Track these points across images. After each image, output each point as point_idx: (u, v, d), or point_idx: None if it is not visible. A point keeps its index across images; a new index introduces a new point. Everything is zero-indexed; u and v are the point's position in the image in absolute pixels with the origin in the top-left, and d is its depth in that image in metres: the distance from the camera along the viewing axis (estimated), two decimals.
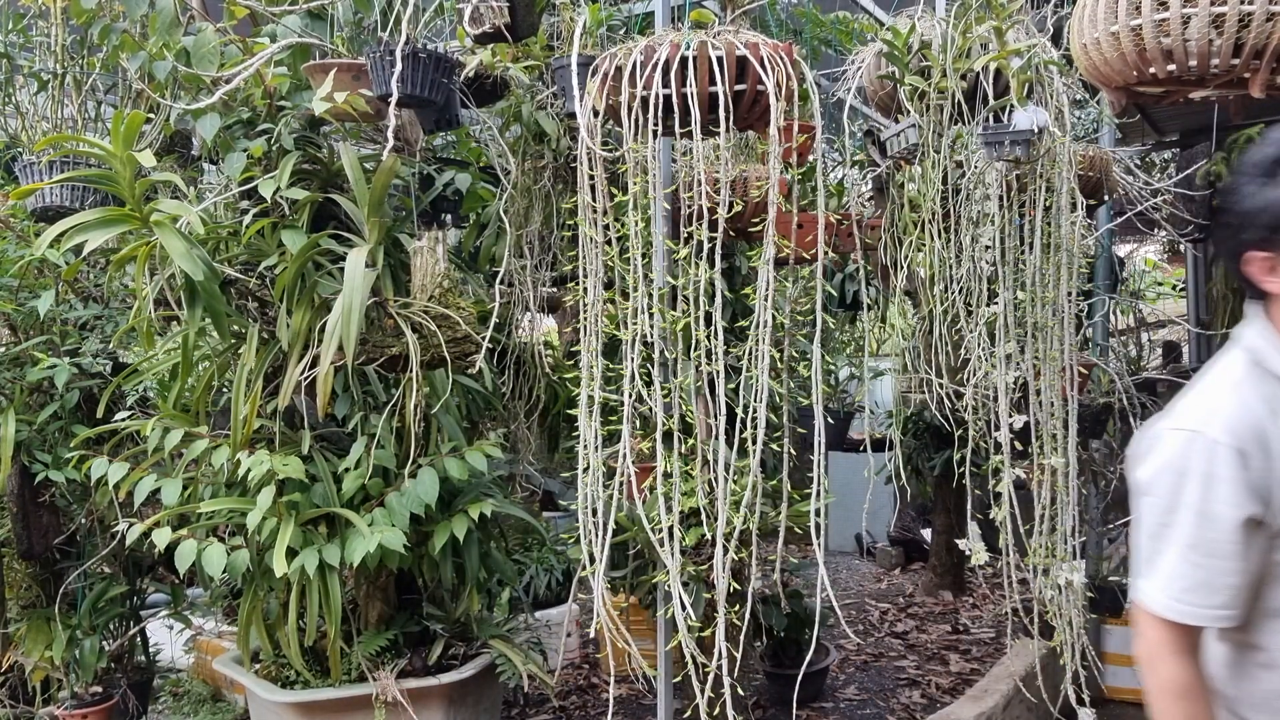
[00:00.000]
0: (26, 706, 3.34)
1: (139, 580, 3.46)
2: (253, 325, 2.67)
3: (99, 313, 3.19)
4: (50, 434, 3.16)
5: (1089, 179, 3.09)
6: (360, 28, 2.71)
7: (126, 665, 3.45)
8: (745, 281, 3.09)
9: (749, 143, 3.03)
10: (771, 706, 3.72)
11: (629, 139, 2.08)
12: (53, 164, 2.94)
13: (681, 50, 2.01)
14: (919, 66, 2.64)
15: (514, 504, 3.07)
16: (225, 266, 2.58)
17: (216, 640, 3.74)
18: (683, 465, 2.17)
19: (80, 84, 3.17)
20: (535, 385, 3.53)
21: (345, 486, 2.61)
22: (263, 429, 2.69)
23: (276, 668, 2.81)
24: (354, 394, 2.76)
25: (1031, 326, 2.60)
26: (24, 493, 3.14)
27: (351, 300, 2.33)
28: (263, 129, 2.57)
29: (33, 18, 3.19)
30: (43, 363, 2.98)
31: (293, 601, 2.63)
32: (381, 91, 2.35)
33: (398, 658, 2.76)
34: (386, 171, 2.49)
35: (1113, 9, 1.76)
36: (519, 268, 3.30)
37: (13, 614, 3.37)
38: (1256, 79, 1.73)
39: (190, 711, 3.60)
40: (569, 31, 3.04)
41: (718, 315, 2.08)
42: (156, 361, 2.94)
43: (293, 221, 2.61)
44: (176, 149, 3.10)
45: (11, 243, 3.12)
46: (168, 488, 2.63)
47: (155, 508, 2.67)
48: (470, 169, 3.14)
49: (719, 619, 2.11)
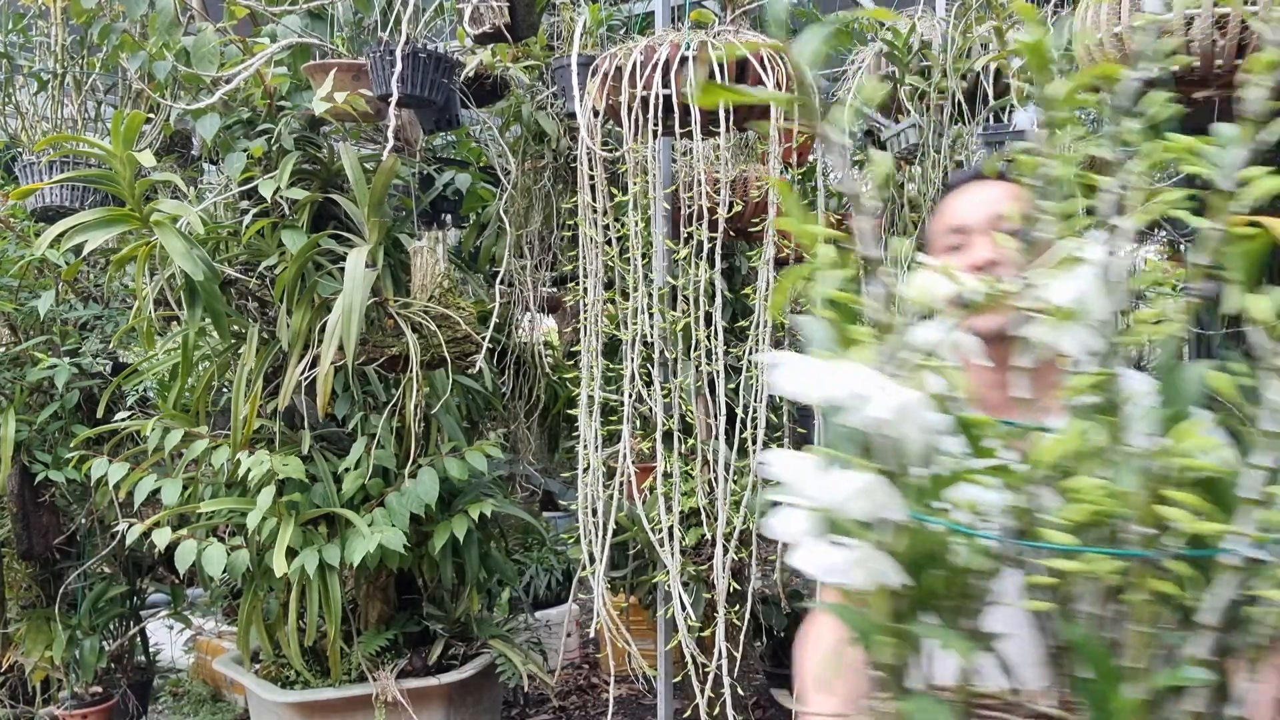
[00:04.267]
0: (26, 706, 3.34)
1: (139, 580, 3.46)
2: (253, 325, 2.67)
3: (99, 313, 3.19)
4: (50, 434, 3.16)
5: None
6: (360, 28, 2.71)
7: (126, 665, 3.45)
8: (745, 281, 3.09)
9: (749, 143, 3.03)
10: (771, 707, 3.72)
11: (629, 139, 2.08)
12: (53, 164, 2.94)
13: (682, 50, 2.01)
14: (919, 66, 2.64)
15: (514, 504, 3.07)
16: (225, 266, 2.58)
17: (216, 640, 3.73)
18: (683, 465, 2.17)
19: (80, 84, 3.17)
20: (535, 385, 3.53)
21: (345, 486, 2.61)
22: (263, 429, 2.68)
23: (276, 668, 2.81)
24: (354, 394, 2.76)
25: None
26: (24, 493, 3.14)
27: (351, 300, 2.33)
28: (263, 129, 2.57)
29: (33, 18, 3.19)
30: (43, 363, 2.98)
31: (293, 601, 2.63)
32: (381, 91, 2.35)
33: (398, 658, 2.75)
34: (386, 171, 2.49)
35: (1115, 10, 1.76)
36: (519, 268, 3.30)
37: (13, 614, 3.37)
38: None
39: (190, 711, 3.60)
40: (569, 31, 3.04)
41: (718, 315, 2.09)
42: (156, 361, 2.94)
43: (293, 221, 2.61)
44: (176, 149, 3.10)
45: (11, 243, 3.12)
46: (168, 488, 2.63)
47: (155, 508, 2.67)
48: (470, 169, 3.14)
49: (719, 619, 2.11)
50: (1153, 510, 0.60)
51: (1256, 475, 0.61)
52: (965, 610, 0.67)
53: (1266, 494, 0.60)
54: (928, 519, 0.64)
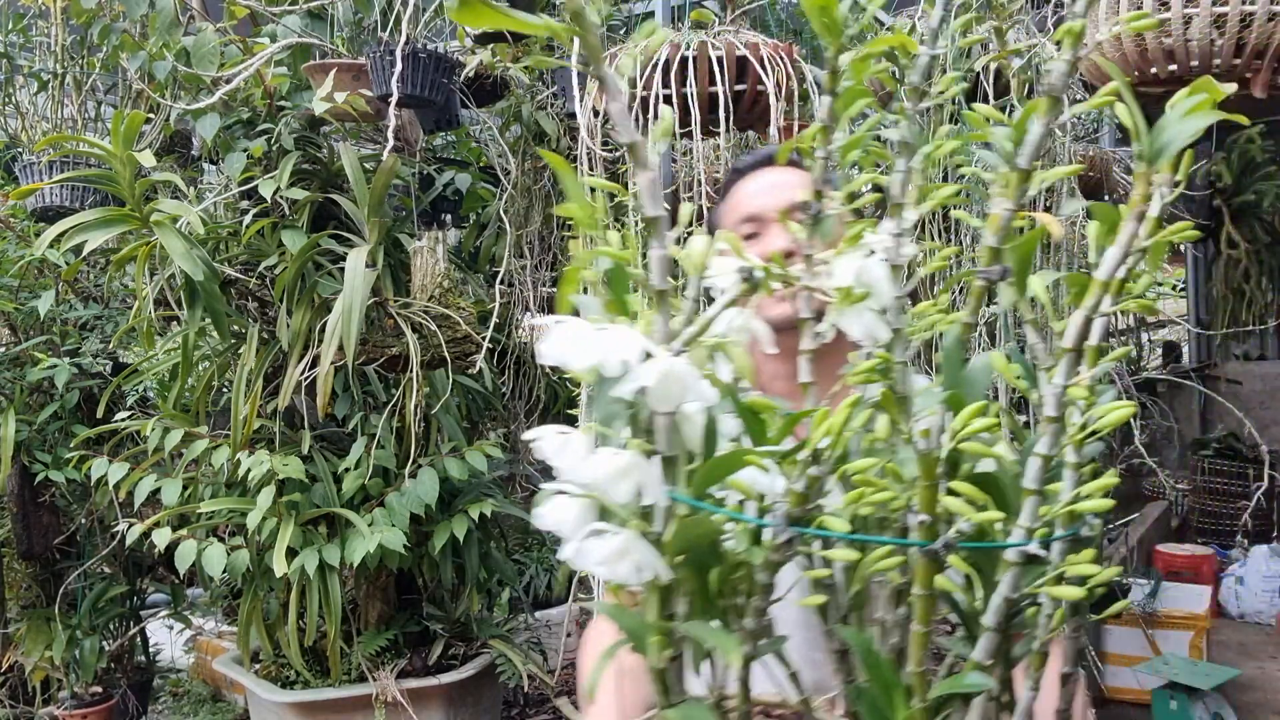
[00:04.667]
0: (26, 706, 3.34)
1: (139, 580, 3.46)
2: (253, 325, 2.67)
3: (99, 313, 3.19)
4: (50, 434, 3.16)
5: (1089, 179, 3.09)
6: (360, 28, 2.71)
7: (126, 665, 3.45)
8: None
9: (749, 143, 3.03)
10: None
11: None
12: (53, 164, 2.94)
13: (682, 50, 2.01)
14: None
15: (514, 504, 3.07)
16: (225, 266, 2.58)
17: (216, 640, 3.73)
18: None
19: (80, 84, 3.17)
20: (535, 385, 3.53)
21: (345, 486, 2.61)
22: (263, 429, 2.68)
23: (276, 668, 2.81)
24: (354, 394, 2.76)
25: (1043, 321, 2.60)
26: (24, 493, 3.14)
27: (352, 300, 2.33)
28: (263, 129, 2.57)
29: (33, 18, 3.19)
30: (43, 363, 2.98)
31: (293, 601, 2.63)
32: (381, 91, 2.35)
33: (398, 658, 2.75)
34: (386, 172, 2.49)
35: (1114, 9, 1.76)
36: (519, 268, 3.30)
37: (13, 614, 3.37)
38: (1258, 79, 1.73)
39: (190, 711, 3.60)
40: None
41: None
42: (156, 361, 2.93)
43: (293, 221, 2.61)
44: (176, 149, 3.10)
45: (12, 243, 3.12)
46: (168, 488, 2.63)
47: (155, 508, 2.67)
48: (470, 169, 3.14)
49: None
50: (932, 499, 0.57)
51: (1037, 464, 0.57)
52: (742, 609, 0.61)
53: (1048, 487, 0.57)
54: (695, 503, 0.58)
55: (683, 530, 0.57)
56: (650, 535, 0.57)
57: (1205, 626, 3.27)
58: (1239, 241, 5.22)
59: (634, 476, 0.56)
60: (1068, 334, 0.57)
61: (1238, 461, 4.60)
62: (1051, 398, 0.57)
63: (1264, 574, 3.89)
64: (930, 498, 0.57)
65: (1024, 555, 0.56)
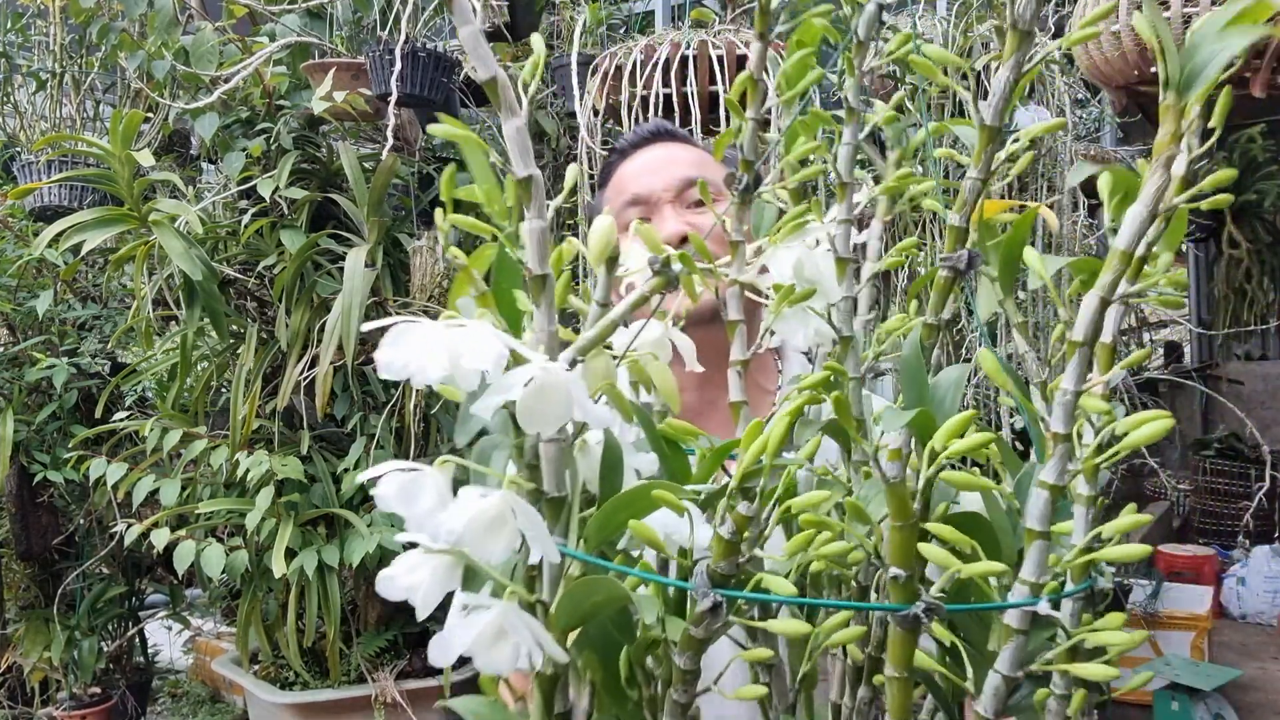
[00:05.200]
0: (25, 707, 3.34)
1: (137, 581, 3.45)
2: (251, 325, 2.67)
3: (97, 312, 3.18)
4: (49, 434, 3.15)
5: (1090, 178, 3.08)
6: (360, 27, 2.71)
7: (125, 666, 3.44)
8: None
9: None
10: None
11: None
12: (51, 163, 2.94)
13: (682, 49, 2.00)
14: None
15: None
16: (224, 266, 2.58)
17: (215, 641, 3.73)
18: None
19: (79, 83, 3.17)
20: None
21: (344, 487, 2.60)
22: (262, 429, 2.68)
23: (275, 669, 2.80)
24: (353, 394, 2.76)
25: (1033, 326, 2.60)
26: (22, 493, 3.14)
27: (351, 300, 2.32)
28: (261, 128, 2.56)
29: (31, 17, 3.19)
30: (41, 363, 2.97)
31: (292, 602, 2.63)
32: (381, 91, 2.35)
33: (397, 659, 2.75)
34: (386, 171, 2.48)
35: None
36: None
37: (11, 615, 3.36)
38: (1257, 78, 1.72)
39: (189, 712, 3.60)
40: (569, 30, 3.03)
41: None
42: (155, 361, 2.93)
43: (291, 221, 2.60)
44: (175, 148, 3.10)
45: (10, 242, 3.11)
46: (166, 488, 2.63)
47: (154, 508, 2.67)
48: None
49: None
50: (909, 547, 0.42)
51: (1043, 498, 0.42)
52: (659, 701, 0.46)
53: (1054, 528, 0.43)
54: (593, 560, 0.44)
55: (576, 596, 0.43)
56: (536, 605, 0.44)
57: (1207, 627, 3.26)
58: (1240, 241, 5.22)
59: (511, 526, 0.42)
60: (1079, 322, 0.44)
61: (1239, 462, 4.59)
62: (1061, 408, 0.43)
63: (1266, 574, 3.88)
64: (906, 545, 0.42)
65: (1028, 617, 0.43)
